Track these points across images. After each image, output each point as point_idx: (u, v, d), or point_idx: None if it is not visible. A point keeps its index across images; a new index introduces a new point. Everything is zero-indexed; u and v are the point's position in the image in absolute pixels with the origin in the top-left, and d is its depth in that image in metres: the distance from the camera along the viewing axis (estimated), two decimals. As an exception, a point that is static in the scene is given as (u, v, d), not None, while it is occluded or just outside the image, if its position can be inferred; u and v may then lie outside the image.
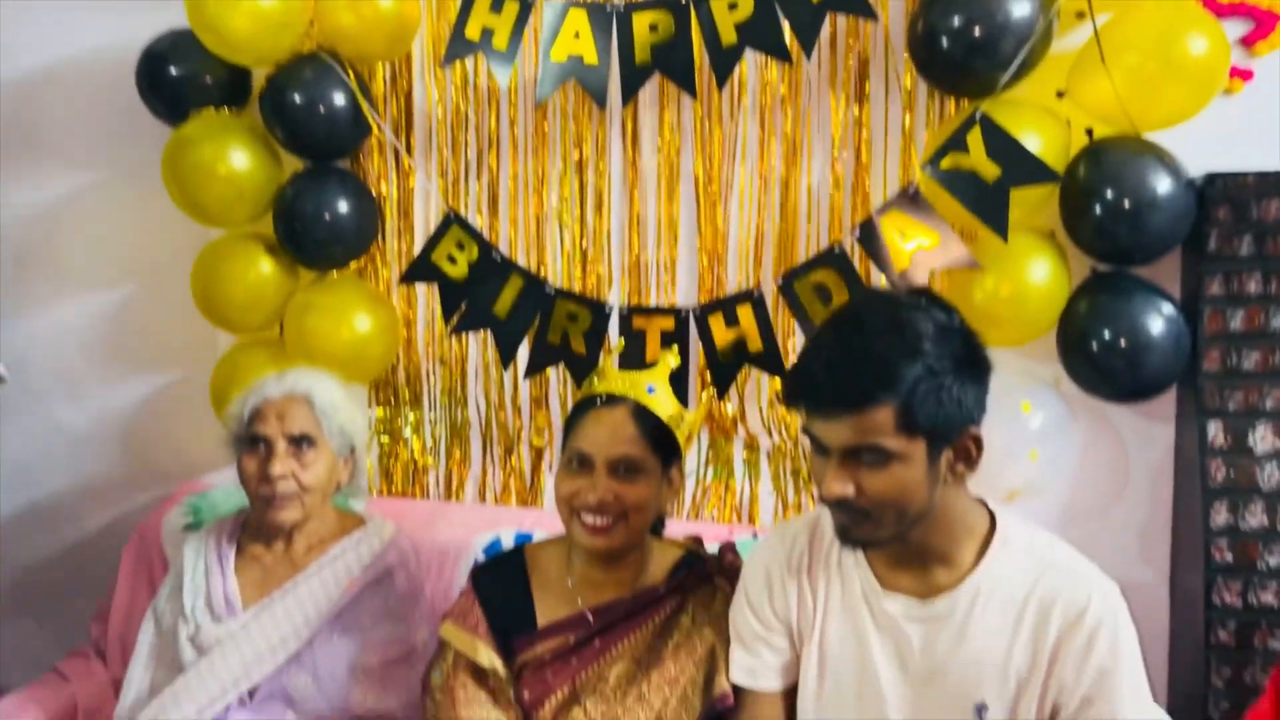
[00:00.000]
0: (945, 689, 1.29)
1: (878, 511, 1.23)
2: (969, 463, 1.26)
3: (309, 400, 1.79)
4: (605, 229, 2.19)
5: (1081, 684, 1.23)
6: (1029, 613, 1.26)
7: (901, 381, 1.18)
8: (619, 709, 1.47)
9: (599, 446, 1.50)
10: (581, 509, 1.49)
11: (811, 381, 1.23)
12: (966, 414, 1.23)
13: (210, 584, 1.79)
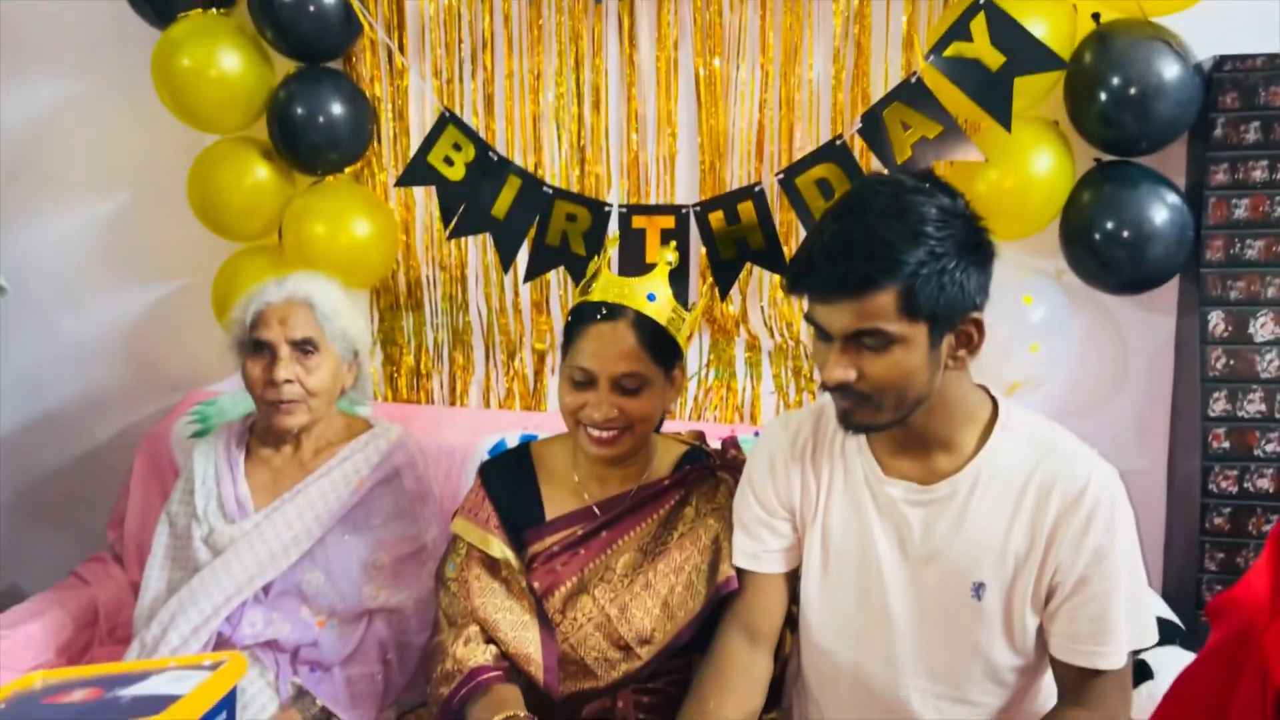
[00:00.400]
0: (944, 570, 1.31)
1: (878, 396, 1.23)
2: (971, 348, 1.26)
3: (310, 304, 1.79)
4: (603, 127, 2.16)
5: (1078, 563, 1.26)
6: (1028, 495, 1.28)
7: (904, 265, 1.17)
8: (626, 596, 1.51)
9: (601, 363, 1.48)
10: (587, 423, 1.50)
11: (813, 267, 1.23)
12: (969, 299, 1.22)
13: (221, 487, 1.82)
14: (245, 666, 1.08)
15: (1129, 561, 1.28)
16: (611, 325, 1.49)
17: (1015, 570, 1.29)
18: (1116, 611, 1.26)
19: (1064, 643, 1.29)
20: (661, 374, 1.52)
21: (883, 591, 1.35)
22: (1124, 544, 1.27)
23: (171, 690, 0.84)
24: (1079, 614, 1.27)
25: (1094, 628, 1.26)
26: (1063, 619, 1.29)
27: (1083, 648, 1.27)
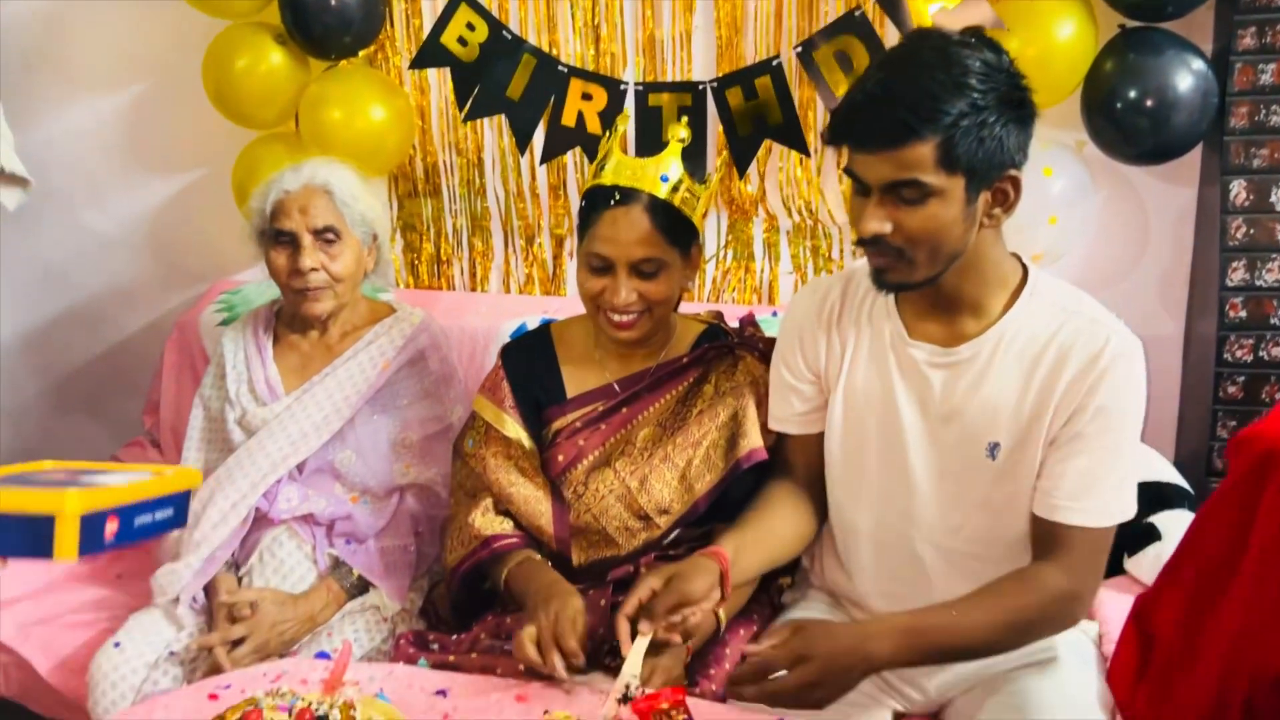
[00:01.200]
0: (962, 430, 1.35)
1: (912, 250, 1.24)
2: (1006, 206, 1.27)
3: (329, 191, 1.80)
4: (618, 4, 2.12)
5: (1078, 420, 1.28)
6: (1047, 357, 1.29)
7: (945, 116, 1.17)
8: (646, 469, 1.55)
9: (619, 249, 1.49)
10: (606, 308, 1.52)
11: (855, 116, 1.23)
12: (1008, 155, 1.22)
13: (251, 371, 1.87)
14: (199, 479, 1.12)
15: (1129, 432, 1.29)
16: (626, 210, 1.49)
17: (1027, 430, 1.31)
18: (1104, 473, 1.27)
19: (1043, 497, 1.31)
20: (678, 255, 1.53)
21: (903, 450, 1.39)
22: (1128, 413, 1.28)
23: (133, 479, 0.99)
24: (1066, 467, 1.29)
25: (1077, 484, 1.28)
26: (1049, 473, 1.31)
27: (1061, 501, 1.30)
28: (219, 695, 1.32)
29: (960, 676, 1.42)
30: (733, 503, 1.52)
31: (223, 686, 1.34)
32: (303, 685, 1.22)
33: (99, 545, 0.92)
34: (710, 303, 2.26)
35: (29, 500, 0.90)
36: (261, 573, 1.76)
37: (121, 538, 0.95)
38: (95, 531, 0.91)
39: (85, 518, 0.89)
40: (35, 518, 0.89)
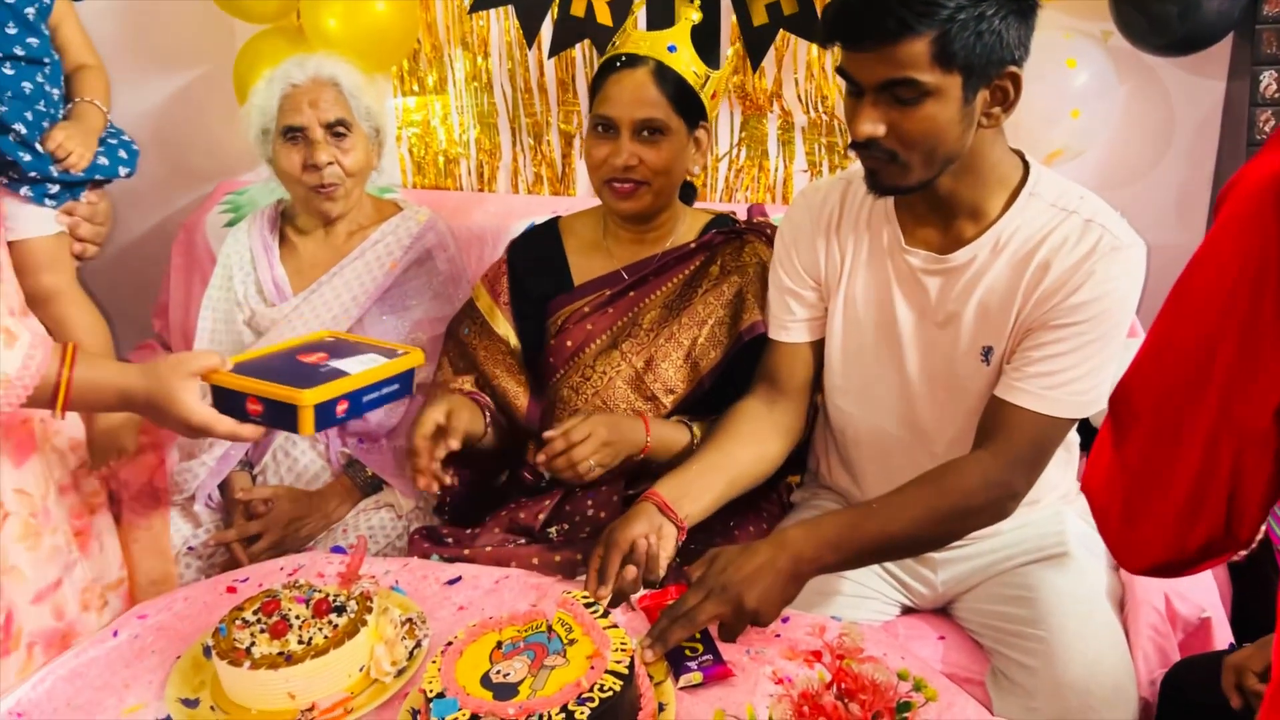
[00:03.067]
0: (958, 334, 1.33)
1: (907, 152, 1.21)
2: (1005, 105, 1.23)
3: (336, 84, 1.76)
4: (628, -113, 2.04)
5: (1054, 312, 1.25)
6: (1037, 257, 1.26)
7: (939, 9, 1.13)
8: (652, 349, 1.57)
9: (622, 109, 1.50)
10: (609, 174, 1.51)
11: (847, 11, 1.19)
12: (1007, 51, 1.18)
13: (259, 271, 1.85)
14: (422, 358, 1.29)
15: (1106, 331, 1.25)
16: (632, 73, 1.51)
17: (1015, 328, 1.29)
18: (1069, 365, 1.24)
19: (1002, 379, 1.29)
20: (683, 126, 1.53)
21: (900, 355, 1.38)
22: (1109, 313, 1.24)
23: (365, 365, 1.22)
24: (1032, 354, 1.26)
25: (1038, 368, 1.25)
26: (1016, 358, 1.28)
27: (1015, 381, 1.27)
28: (237, 588, 1.34)
29: (969, 570, 1.44)
30: (737, 381, 1.53)
31: (240, 580, 1.36)
32: (319, 579, 1.24)
33: (333, 421, 1.18)
34: (723, 201, 2.23)
35: (280, 391, 1.14)
36: (276, 471, 1.78)
37: (351, 413, 1.20)
38: (328, 412, 1.16)
39: (319, 406, 1.14)
40: (285, 405, 1.14)
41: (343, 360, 1.23)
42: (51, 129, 1.33)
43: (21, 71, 1.32)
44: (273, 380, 1.15)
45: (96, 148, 1.38)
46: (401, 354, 1.26)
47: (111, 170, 1.38)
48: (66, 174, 1.35)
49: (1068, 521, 1.44)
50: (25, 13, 1.31)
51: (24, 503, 1.27)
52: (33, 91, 1.33)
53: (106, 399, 1.18)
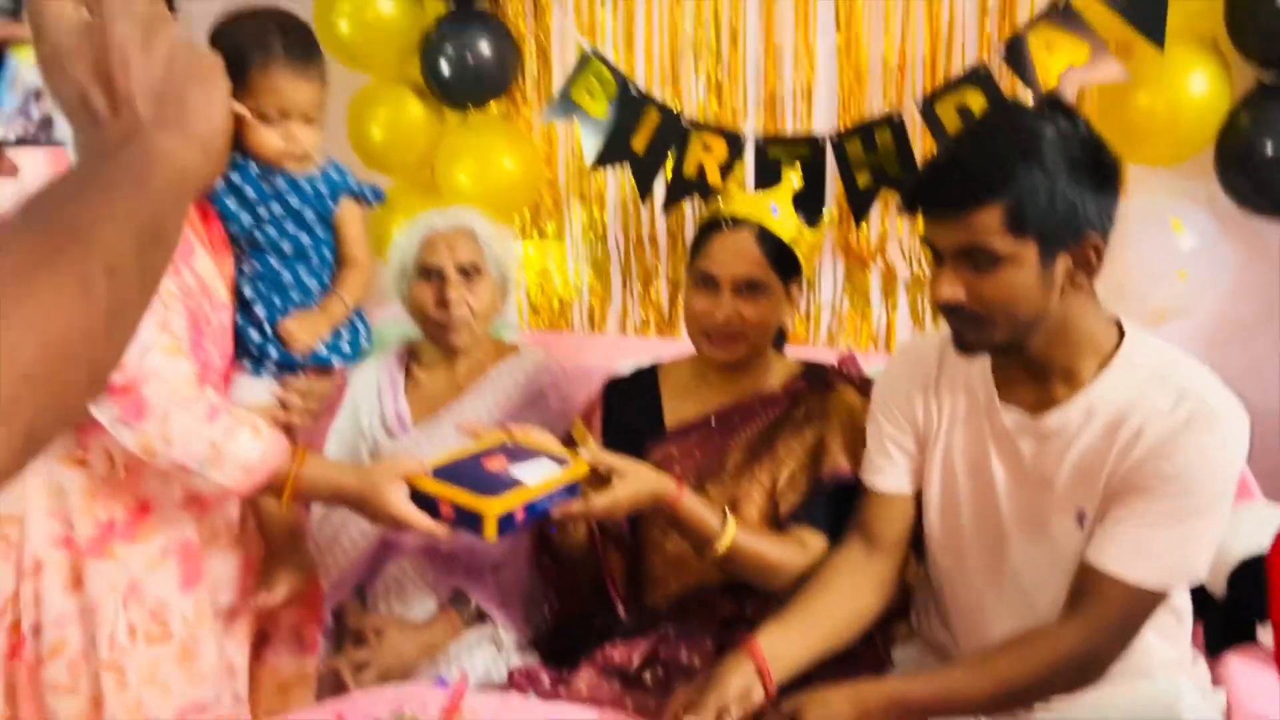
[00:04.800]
0: (1052, 497, 1.33)
1: (989, 315, 1.25)
2: (1089, 271, 1.25)
3: (472, 232, 1.91)
4: (741, 59, 2.19)
5: (1145, 479, 1.24)
6: (1129, 424, 1.26)
7: (1011, 181, 1.18)
8: (735, 491, 1.61)
9: (724, 268, 1.58)
10: (708, 327, 1.59)
11: (924, 184, 1.26)
12: (1085, 220, 1.21)
13: (383, 405, 1.97)
14: (586, 469, 1.41)
15: (1200, 501, 1.23)
16: (735, 234, 1.59)
17: (1108, 498, 1.28)
18: (1160, 532, 1.22)
19: (1091, 542, 1.27)
20: (780, 283, 1.60)
21: (998, 514, 1.38)
22: (1204, 483, 1.22)
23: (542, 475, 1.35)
24: (1122, 516, 1.25)
25: (1128, 534, 1.24)
26: (1105, 520, 1.27)
27: (1105, 545, 1.25)
28: (344, 716, 1.39)
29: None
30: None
31: (347, 707, 1.42)
32: (422, 709, 1.29)
33: (512, 528, 1.31)
34: (825, 347, 2.28)
35: (470, 500, 1.29)
36: (386, 599, 1.85)
37: (527, 519, 1.33)
38: (509, 520, 1.29)
39: (501, 516, 1.27)
40: (473, 512, 1.28)
41: (520, 466, 1.36)
42: (289, 316, 1.44)
43: (287, 263, 1.45)
44: (463, 487, 1.30)
45: (324, 337, 1.48)
46: (569, 463, 1.39)
47: (325, 359, 1.49)
48: (285, 355, 1.45)
49: (1183, 699, 1.38)
50: (304, 214, 1.45)
51: (185, 627, 1.37)
52: (290, 281, 1.46)
53: (323, 493, 1.37)
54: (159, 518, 1.34)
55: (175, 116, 0.65)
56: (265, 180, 1.43)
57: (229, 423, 1.27)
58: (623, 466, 1.43)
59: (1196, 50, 1.79)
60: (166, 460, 1.24)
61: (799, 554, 1.52)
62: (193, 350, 1.29)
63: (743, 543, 1.48)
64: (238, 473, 1.26)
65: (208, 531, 1.42)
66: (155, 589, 1.34)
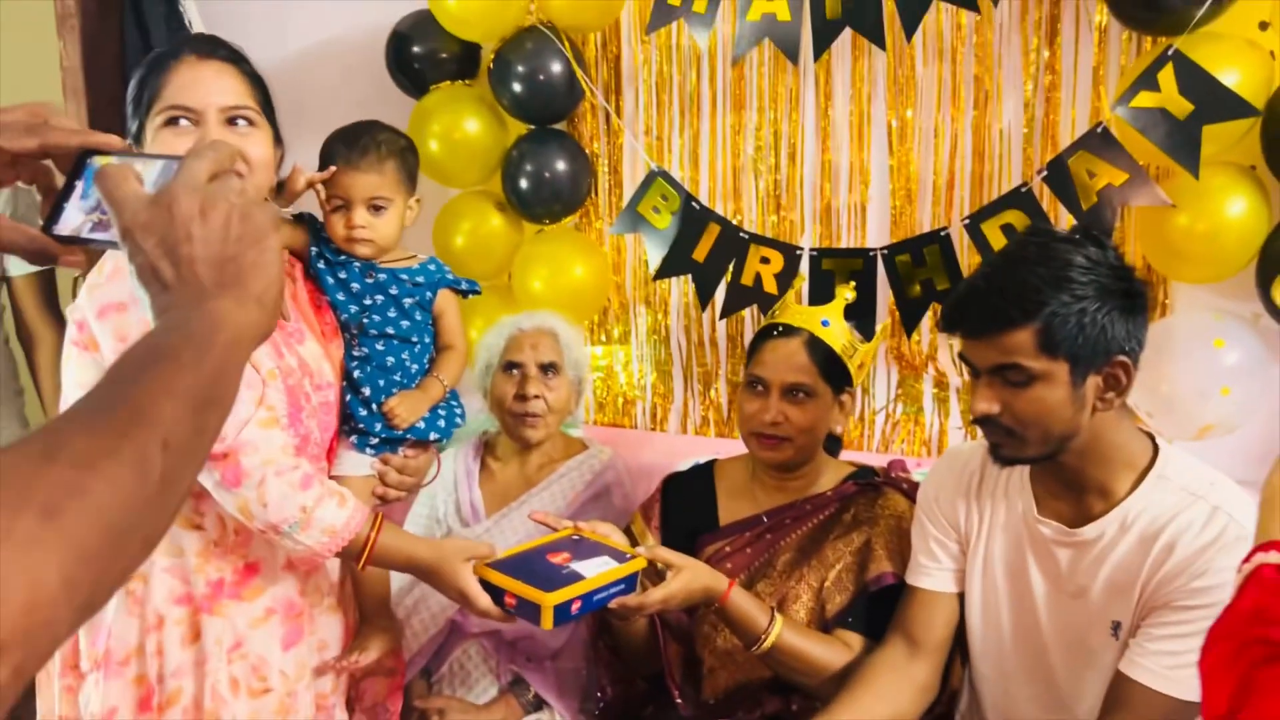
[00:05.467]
0: (1088, 607, 1.39)
1: (1022, 429, 1.33)
2: (1119, 390, 1.33)
3: (555, 334, 2.06)
4: (798, 176, 2.33)
5: (1178, 594, 1.29)
6: (1162, 539, 1.32)
7: (1042, 306, 1.28)
8: (784, 590, 1.68)
9: (774, 372, 1.69)
10: (757, 428, 1.68)
11: (960, 307, 1.36)
12: (1114, 342, 1.30)
13: (459, 493, 2.10)
14: (645, 563, 1.51)
15: None
16: (786, 341, 1.71)
17: (1141, 609, 1.33)
18: (1192, 647, 1.22)
19: (1126, 654, 1.32)
20: (830, 392, 1.69)
21: (1037, 621, 1.43)
22: None
23: (599, 569, 1.45)
24: (1155, 631, 1.30)
25: (1161, 646, 1.28)
26: (1140, 635, 1.31)
27: (1138, 658, 1.30)
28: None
29: None
30: None
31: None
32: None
33: (568, 618, 1.42)
34: (880, 453, 2.35)
35: (528, 590, 1.39)
36: (450, 682, 1.95)
37: (584, 609, 1.43)
38: (565, 610, 1.39)
39: (557, 606, 1.37)
40: (531, 602, 1.38)
41: (582, 561, 1.46)
42: (393, 395, 1.60)
43: (390, 347, 1.63)
44: (523, 580, 1.40)
45: (424, 413, 1.63)
46: (630, 558, 1.48)
47: (423, 434, 1.63)
48: (388, 430, 1.60)
49: None
50: (404, 303, 1.64)
51: (283, 683, 1.49)
52: (393, 364, 1.62)
53: (398, 562, 1.49)
54: (264, 578, 1.47)
55: (233, 278, 0.71)
56: (369, 274, 1.62)
57: (319, 491, 1.41)
58: (678, 562, 1.51)
59: (1235, 174, 1.87)
60: (262, 522, 1.38)
61: (842, 655, 1.58)
62: (291, 424, 1.44)
63: (788, 641, 1.55)
64: (323, 536, 1.39)
65: (312, 593, 1.54)
66: (257, 645, 1.46)
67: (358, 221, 1.59)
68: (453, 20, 2.31)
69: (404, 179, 1.65)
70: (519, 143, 2.41)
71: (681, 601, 1.53)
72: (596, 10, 2.30)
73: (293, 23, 2.76)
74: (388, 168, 1.62)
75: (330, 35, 2.73)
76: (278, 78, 2.77)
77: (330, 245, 1.63)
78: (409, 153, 1.68)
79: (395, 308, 1.63)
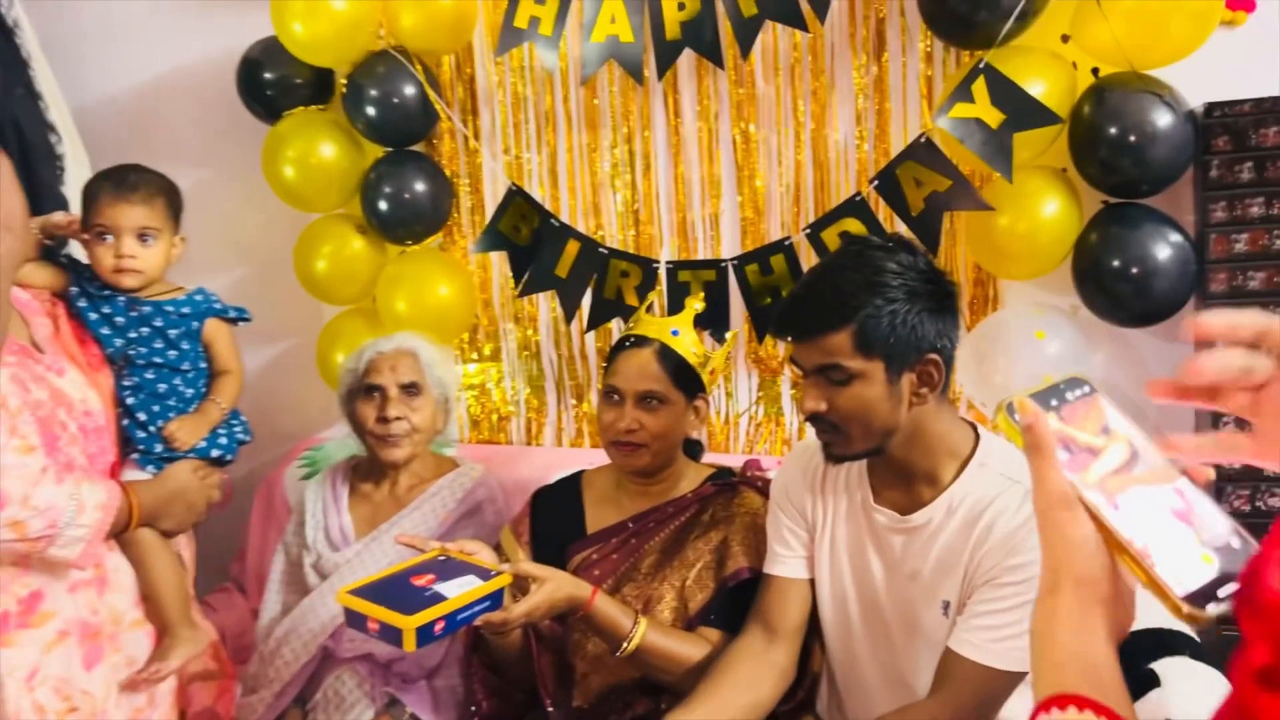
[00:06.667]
0: (921, 588, 1.48)
1: (846, 425, 1.42)
2: (932, 385, 1.42)
3: (415, 354, 2.07)
4: (654, 192, 2.40)
5: (995, 571, 1.38)
6: (982, 521, 1.42)
7: (857, 310, 1.37)
8: (649, 592, 1.74)
9: (627, 381, 1.75)
10: (613, 435, 1.74)
11: (786, 313, 1.46)
12: (925, 341, 1.40)
13: (328, 519, 2.09)
14: (509, 579, 1.54)
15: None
16: (638, 351, 1.77)
17: (966, 589, 1.44)
18: (1012, 620, 1.35)
19: (953, 631, 1.41)
20: (682, 397, 1.76)
21: (878, 605, 1.52)
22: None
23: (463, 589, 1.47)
24: (977, 608, 1.39)
25: (982, 621, 1.38)
26: (965, 613, 1.41)
27: (961, 633, 1.39)
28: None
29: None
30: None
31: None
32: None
33: (432, 638, 1.43)
34: (745, 454, 2.43)
35: (389, 615, 1.40)
36: (325, 708, 1.94)
37: (447, 629, 1.45)
38: (428, 631, 1.41)
39: (419, 627, 1.39)
40: (393, 626, 1.40)
41: (445, 582, 1.48)
42: (171, 420, 1.69)
43: (160, 375, 1.71)
44: (385, 604, 1.42)
45: (204, 435, 1.72)
46: (495, 574, 1.52)
47: (204, 452, 1.71)
48: (169, 450, 1.68)
49: None
50: (169, 334, 1.72)
51: (88, 702, 1.50)
52: (166, 390, 1.71)
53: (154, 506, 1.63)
54: (50, 603, 1.50)
55: None
56: (132, 307, 1.71)
57: (76, 477, 1.49)
58: (541, 574, 1.55)
59: (1048, 177, 2.01)
60: (39, 527, 1.42)
61: (705, 652, 1.65)
62: (49, 452, 1.49)
63: (652, 642, 1.61)
64: (97, 512, 1.48)
65: (107, 611, 1.57)
66: (56, 667, 1.48)
67: (126, 251, 1.67)
68: (301, 47, 2.31)
69: (171, 215, 1.74)
70: (376, 165, 2.42)
71: (546, 612, 1.56)
72: (446, 34, 2.33)
73: (138, 53, 2.71)
74: (157, 202, 1.71)
75: (178, 64, 2.69)
76: (128, 106, 2.75)
77: (94, 282, 1.71)
78: (175, 194, 1.77)
79: (161, 339, 1.72)
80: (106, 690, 1.54)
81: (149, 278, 1.71)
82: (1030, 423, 0.69)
